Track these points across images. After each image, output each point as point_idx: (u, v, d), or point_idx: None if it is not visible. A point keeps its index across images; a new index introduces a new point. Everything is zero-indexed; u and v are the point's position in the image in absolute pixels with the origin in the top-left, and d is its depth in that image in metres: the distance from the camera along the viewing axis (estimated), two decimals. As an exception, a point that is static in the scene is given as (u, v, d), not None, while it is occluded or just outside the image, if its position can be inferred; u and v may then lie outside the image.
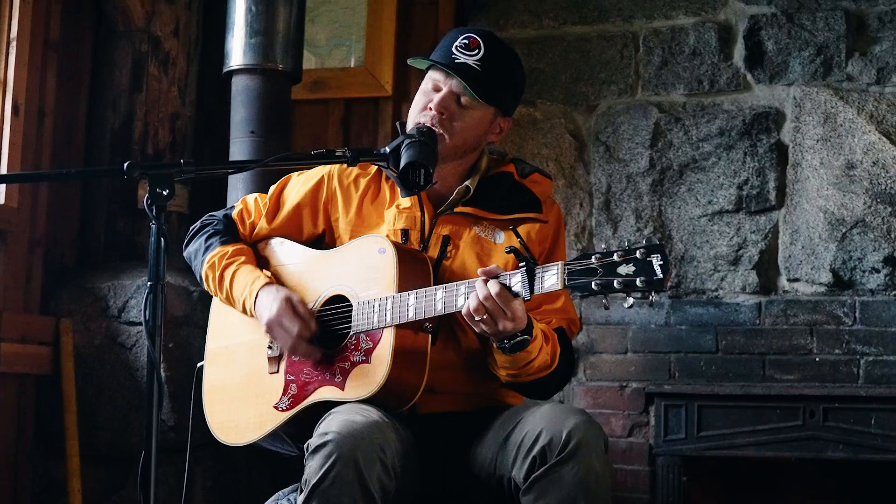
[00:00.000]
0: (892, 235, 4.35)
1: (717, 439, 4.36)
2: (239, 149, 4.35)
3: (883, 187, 4.38)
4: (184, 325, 4.33)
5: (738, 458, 4.39)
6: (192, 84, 4.94)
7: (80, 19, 4.73)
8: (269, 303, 2.83)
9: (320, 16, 5.13)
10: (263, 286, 2.88)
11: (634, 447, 4.54)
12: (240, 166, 3.69)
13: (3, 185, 4.27)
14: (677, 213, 4.64)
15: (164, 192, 2.37)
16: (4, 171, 4.24)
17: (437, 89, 2.89)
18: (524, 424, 2.66)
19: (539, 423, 2.61)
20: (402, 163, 2.71)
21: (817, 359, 4.40)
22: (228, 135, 4.40)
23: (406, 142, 2.74)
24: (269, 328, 2.82)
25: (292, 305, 2.81)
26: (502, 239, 2.89)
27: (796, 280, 4.49)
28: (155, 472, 2.27)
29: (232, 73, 4.41)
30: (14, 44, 4.29)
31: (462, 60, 2.85)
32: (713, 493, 4.65)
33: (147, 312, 2.32)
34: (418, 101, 2.91)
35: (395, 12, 5.05)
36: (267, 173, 3.84)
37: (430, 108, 2.86)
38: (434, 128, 2.82)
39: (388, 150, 2.75)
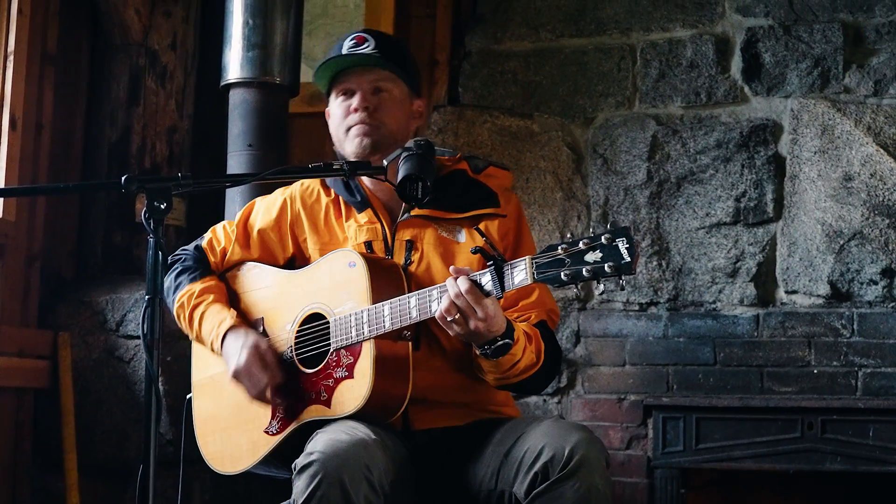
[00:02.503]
0: (890, 247, 4.35)
1: (715, 452, 4.36)
2: (236, 162, 4.35)
3: (881, 199, 4.39)
4: (182, 338, 4.27)
5: (737, 470, 4.38)
6: (190, 97, 4.94)
7: (78, 33, 4.73)
8: (237, 350, 2.83)
9: (317, 29, 5.13)
10: (229, 329, 2.88)
11: (632, 460, 4.53)
12: (237, 180, 3.71)
13: (1, 199, 4.27)
14: (675, 225, 4.64)
15: (162, 206, 2.37)
16: (2, 185, 4.24)
17: (349, 94, 2.93)
18: (525, 439, 2.65)
19: (541, 438, 2.60)
20: (400, 176, 2.72)
21: (815, 371, 4.39)
22: (226, 148, 4.40)
23: (404, 155, 2.75)
24: (237, 377, 2.81)
25: (260, 355, 2.81)
26: (464, 238, 2.87)
27: (794, 292, 4.49)
28: (153, 485, 2.27)
29: (229, 86, 4.41)
30: (11, 57, 4.30)
31: (359, 53, 2.92)
32: (712, 505, 4.64)
33: (145, 326, 2.32)
34: (337, 114, 2.95)
35: (393, 25, 5.05)
36: (264, 187, 3.84)
37: (355, 110, 2.89)
38: (365, 124, 2.87)
39: (385, 163, 2.76)
